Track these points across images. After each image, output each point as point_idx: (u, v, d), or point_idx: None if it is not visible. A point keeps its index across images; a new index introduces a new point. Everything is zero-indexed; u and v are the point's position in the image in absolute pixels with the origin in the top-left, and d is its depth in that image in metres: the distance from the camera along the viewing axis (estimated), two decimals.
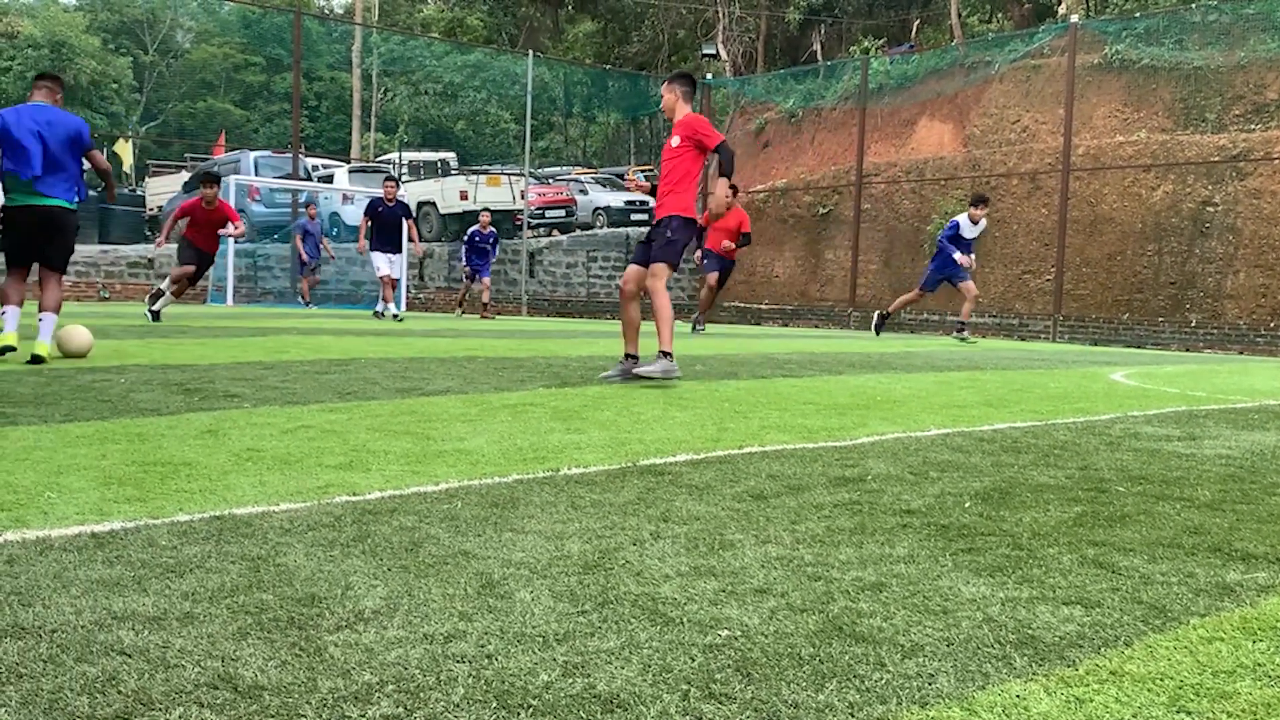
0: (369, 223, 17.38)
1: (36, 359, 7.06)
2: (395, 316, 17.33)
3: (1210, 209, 20.34)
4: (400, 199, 17.69)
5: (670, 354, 7.13)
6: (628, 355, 7.40)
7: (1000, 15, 35.96)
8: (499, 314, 24.30)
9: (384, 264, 17.43)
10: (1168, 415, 6.47)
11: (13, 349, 7.28)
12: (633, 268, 7.50)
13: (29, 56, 44.52)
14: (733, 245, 16.67)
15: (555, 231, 27.84)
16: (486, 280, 20.63)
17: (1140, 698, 1.91)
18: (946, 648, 2.14)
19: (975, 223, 15.91)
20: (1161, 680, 1.99)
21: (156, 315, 13.36)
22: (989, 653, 2.12)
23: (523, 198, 25.66)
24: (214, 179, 14.33)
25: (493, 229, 20.73)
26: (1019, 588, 2.58)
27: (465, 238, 20.72)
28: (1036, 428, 5.62)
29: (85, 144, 7.73)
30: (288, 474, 3.68)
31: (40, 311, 7.56)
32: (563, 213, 28.05)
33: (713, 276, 16.98)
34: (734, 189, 14.83)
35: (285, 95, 49.33)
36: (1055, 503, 3.61)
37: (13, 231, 7.68)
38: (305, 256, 21.63)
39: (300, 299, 22.00)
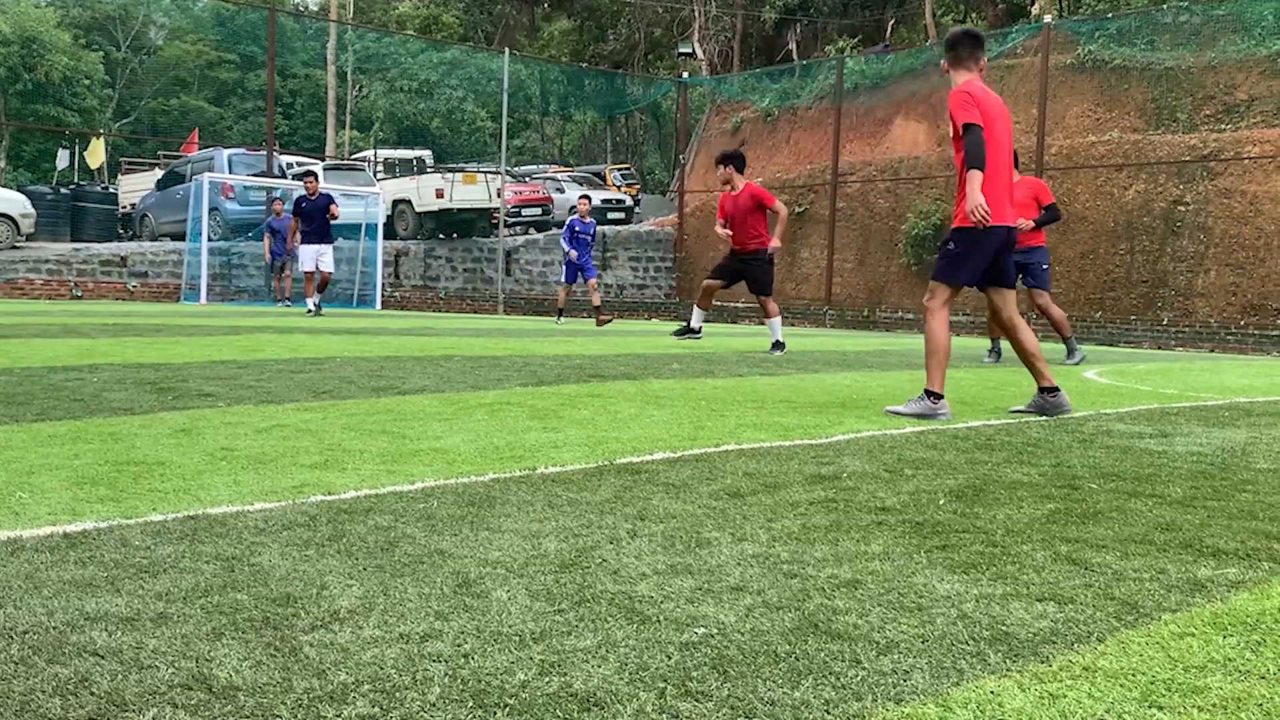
0: (297, 220, 17.69)
1: None
2: (311, 311, 17.23)
3: (1181, 208, 20.52)
4: (322, 191, 17.79)
5: (937, 394, 5.81)
6: (1042, 389, 6.15)
7: (974, 15, 36.16)
8: (474, 311, 24.23)
9: (310, 259, 17.63)
10: (1140, 413, 6.52)
11: None
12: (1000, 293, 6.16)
13: (0, 53, 44.05)
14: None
15: (532, 230, 27.79)
16: (593, 280, 18.39)
17: (1113, 693, 1.93)
18: (921, 644, 2.15)
19: None
20: (1134, 676, 2.01)
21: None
22: (963, 649, 2.13)
23: (499, 196, 25.60)
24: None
25: (592, 219, 18.40)
26: (993, 584, 2.60)
27: (565, 228, 18.09)
28: (1010, 425, 5.66)
29: None
30: (262, 473, 3.66)
31: None
32: (539, 211, 28.00)
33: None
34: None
35: (259, 93, 49.05)
36: (1029, 500, 3.64)
37: None
38: (269, 254, 21.43)
39: (274, 298, 21.87)
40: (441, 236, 26.17)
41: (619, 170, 36.72)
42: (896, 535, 3.07)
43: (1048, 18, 24.70)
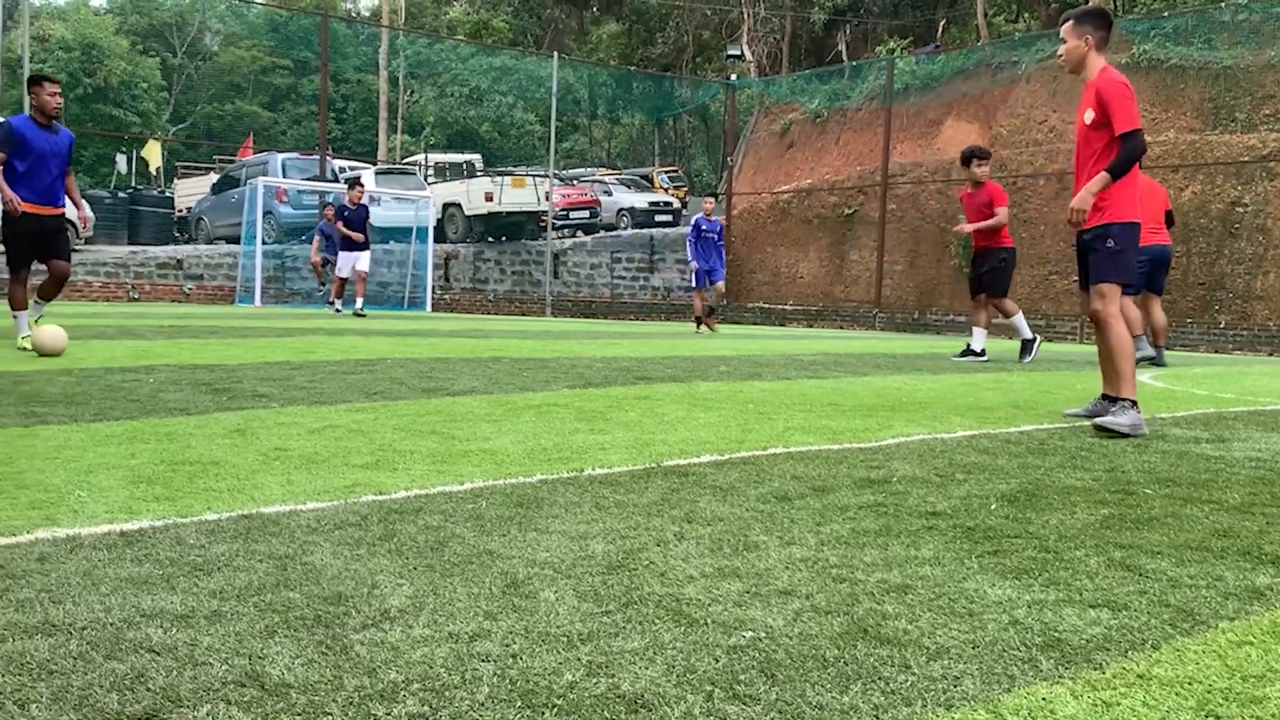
0: (342, 223, 18.10)
1: None
2: (339, 311, 17.99)
3: (1240, 209, 20.16)
4: (362, 203, 18.22)
5: (1135, 402, 5.41)
6: (1105, 396, 5.72)
7: (1027, 15, 35.75)
8: (522, 314, 24.34)
9: (347, 265, 18.11)
10: (1196, 417, 6.41)
11: None
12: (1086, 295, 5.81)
13: (60, 59, 44.93)
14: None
15: (579, 232, 27.88)
16: (720, 285, 17.19)
17: (1168, 702, 1.90)
18: (972, 650, 2.13)
19: None
20: (1190, 684, 1.98)
21: None
22: (1015, 655, 2.11)
23: (547, 199, 25.70)
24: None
25: (718, 218, 17.31)
26: (1045, 590, 2.57)
27: (690, 229, 16.87)
28: (1063, 429, 5.59)
29: None
30: (315, 473, 3.70)
31: None
32: (587, 214, 28.09)
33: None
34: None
35: (312, 97, 49.63)
36: (1082, 505, 3.59)
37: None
38: (316, 258, 21.59)
39: (328, 302, 22.05)
40: (490, 239, 26.33)
41: (666, 172, 36.76)
42: (947, 540, 3.05)
43: None
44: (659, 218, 29.28)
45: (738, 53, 37.72)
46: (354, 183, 19.03)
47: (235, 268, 22.42)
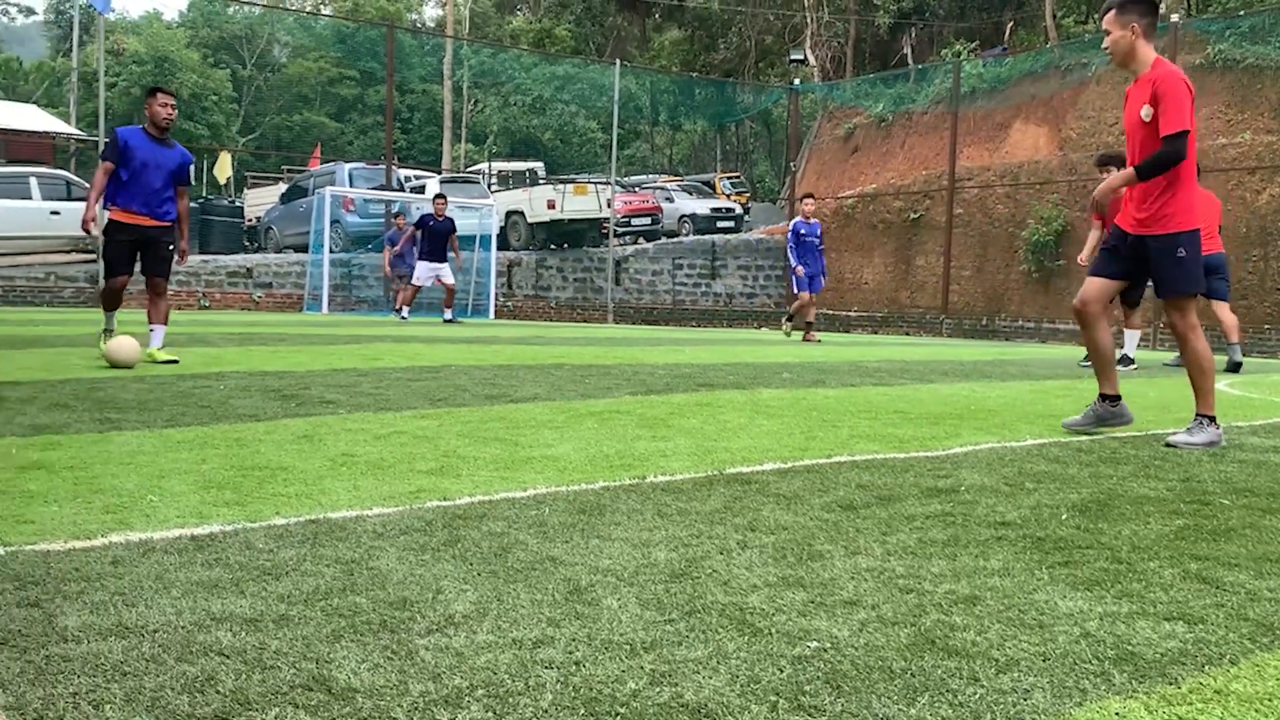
0: (418, 233, 18.38)
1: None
2: (404, 319, 18.26)
3: None
4: (447, 215, 18.44)
5: (1213, 418, 5.18)
6: (1103, 396, 5.57)
7: (1097, 16, 35.16)
8: (584, 320, 24.42)
9: (426, 276, 18.41)
10: (1274, 426, 6.25)
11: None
12: (1092, 281, 5.47)
13: (134, 72, 46.04)
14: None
15: (641, 239, 27.93)
16: (811, 295, 15.97)
17: (1246, 718, 1.84)
18: (1043, 663, 2.09)
19: None
20: (1270, 701, 1.92)
21: None
22: (1087, 669, 2.06)
23: (609, 206, 25.78)
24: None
25: (817, 220, 16.17)
26: (1118, 602, 2.51)
27: (790, 234, 15.94)
28: (1136, 438, 5.47)
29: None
30: (381, 479, 3.74)
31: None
32: (649, 220, 28.13)
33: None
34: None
35: (378, 108, 50.29)
36: (1156, 515, 3.51)
37: None
38: (388, 269, 21.85)
39: (394, 310, 22.28)
40: (553, 247, 26.46)
41: (728, 178, 36.69)
42: (1017, 550, 2.99)
43: (1175, 16, 23.90)
44: (721, 224, 29.23)
45: (801, 57, 37.56)
46: (439, 196, 19.32)
47: (303, 276, 22.77)
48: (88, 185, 21.32)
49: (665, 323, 25.49)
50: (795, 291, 16.12)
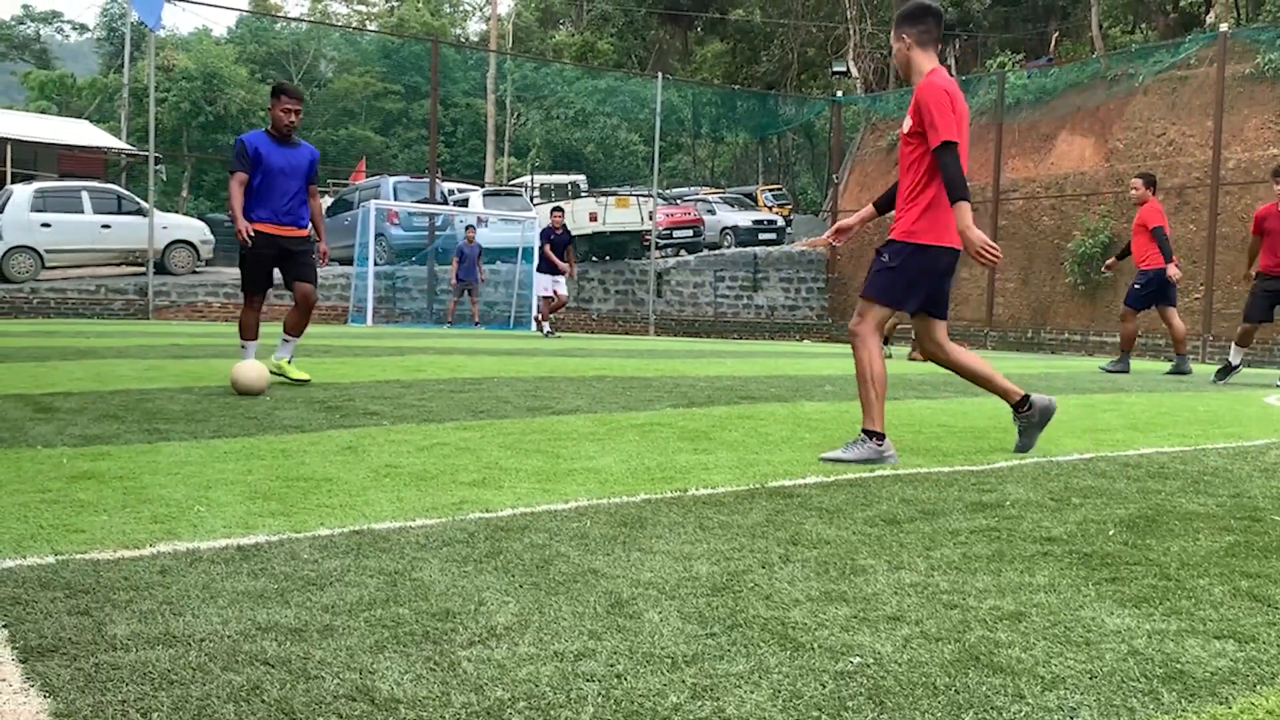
0: (548, 248, 18.39)
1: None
2: (549, 333, 18.38)
3: None
4: (565, 226, 18.58)
5: (878, 434, 4.83)
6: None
7: (1144, 26, 34.84)
8: (626, 332, 24.44)
9: (546, 286, 18.52)
10: None
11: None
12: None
13: (183, 88, 46.76)
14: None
15: (683, 251, 27.93)
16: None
17: None
18: (1089, 680, 2.06)
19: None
20: None
21: None
22: (1134, 687, 2.03)
23: (651, 218, 25.82)
24: None
25: None
26: (1166, 620, 2.47)
27: None
28: (1185, 453, 5.39)
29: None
30: (424, 490, 3.76)
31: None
32: (690, 233, 28.14)
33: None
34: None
35: (423, 122, 50.76)
36: (1205, 532, 3.45)
37: None
38: (455, 278, 22.02)
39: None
40: (594, 259, 26.53)
41: (770, 190, 36.61)
42: (1063, 566, 2.96)
43: (1224, 26, 23.60)
44: (763, 236, 29.17)
45: (843, 69, 37.44)
46: (556, 209, 19.46)
47: (348, 288, 22.99)
48: (139, 200, 21.73)
49: (707, 335, 25.46)
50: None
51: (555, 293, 18.55)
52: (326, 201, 29.18)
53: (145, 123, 25.44)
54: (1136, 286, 11.76)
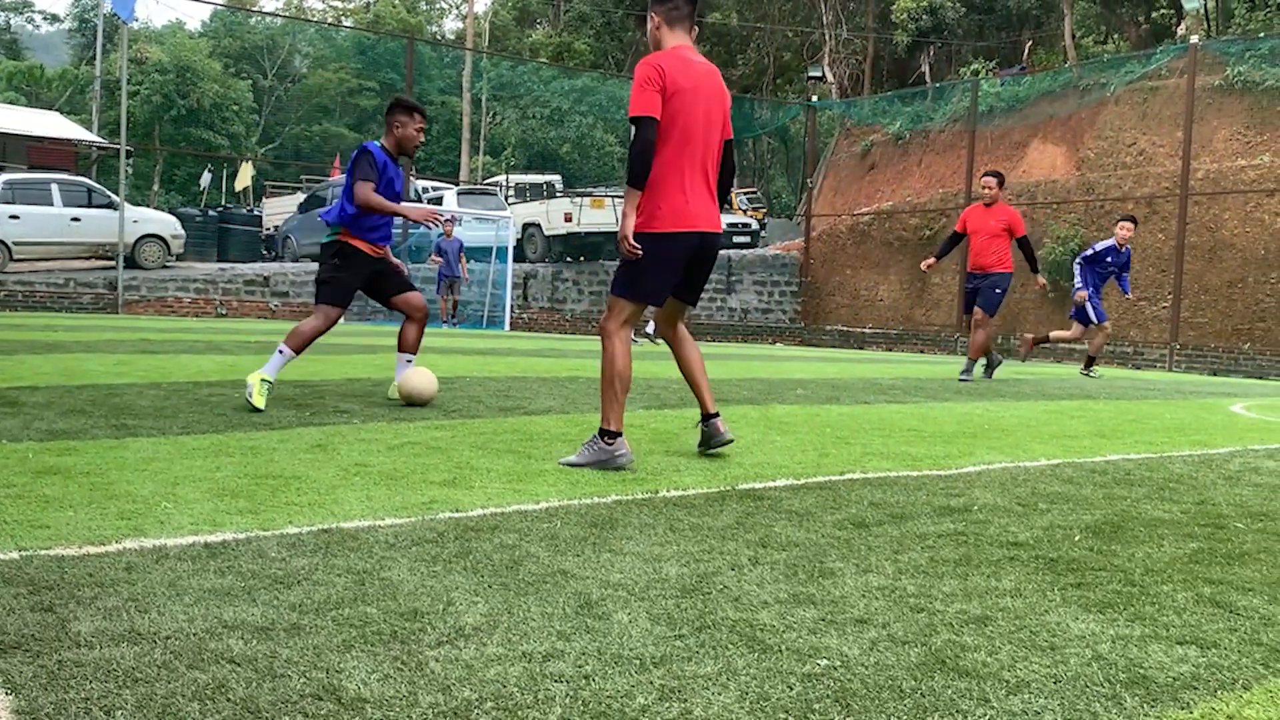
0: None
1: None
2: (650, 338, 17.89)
3: None
4: None
5: (614, 432, 4.51)
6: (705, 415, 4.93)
7: (1116, 36, 35.17)
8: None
9: None
10: None
11: None
12: None
13: (156, 81, 46.36)
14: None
15: None
16: (1106, 324, 13.98)
17: None
18: (1054, 685, 2.08)
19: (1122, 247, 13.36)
20: None
21: None
22: (1098, 692, 2.05)
23: None
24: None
25: (1130, 247, 13.81)
26: (1131, 625, 2.50)
27: (1089, 255, 14.02)
28: (1151, 460, 5.45)
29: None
30: (394, 489, 3.74)
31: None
32: None
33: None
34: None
35: None
36: (1170, 538, 3.49)
37: None
38: (438, 275, 21.89)
39: (441, 319, 22.31)
40: (569, 259, 26.51)
41: (745, 194, 36.70)
42: (1029, 571, 2.98)
43: (1195, 38, 23.86)
44: (737, 239, 29.23)
45: (819, 74, 37.61)
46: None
47: None
48: (109, 193, 21.52)
49: None
50: (1080, 319, 14.05)
51: None
52: (299, 198, 29.05)
53: (117, 115, 25.21)
54: (998, 291, 11.12)
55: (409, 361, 6.71)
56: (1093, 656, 2.26)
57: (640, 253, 4.55)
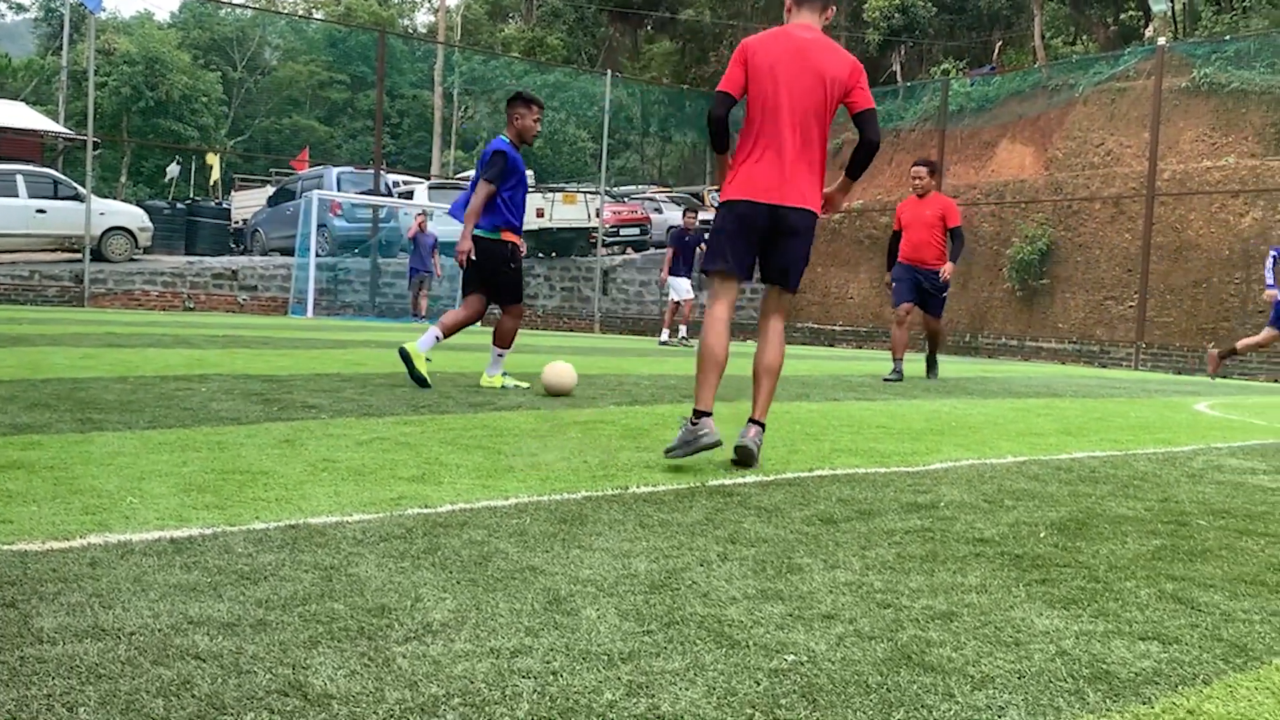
0: (675, 252, 17.85)
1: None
2: (685, 340, 17.83)
3: None
4: (698, 230, 17.98)
5: (696, 411, 4.54)
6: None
7: (1085, 37, 35.46)
8: (571, 330, 24.41)
9: (685, 288, 17.96)
10: (1253, 448, 6.29)
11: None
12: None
13: (124, 72, 45.85)
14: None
15: (629, 249, 27.94)
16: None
17: None
18: (1018, 680, 2.10)
19: None
20: None
21: None
22: (1061, 687, 2.08)
23: (598, 216, 25.80)
24: None
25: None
26: (1094, 621, 2.53)
27: (1276, 251, 13.09)
28: (1116, 458, 5.50)
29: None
30: (362, 485, 3.73)
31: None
32: (637, 231, 28.17)
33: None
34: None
35: (368, 112, 50.25)
36: (1134, 535, 3.53)
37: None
38: (409, 270, 21.81)
39: (412, 313, 22.21)
40: (541, 255, 26.47)
41: (717, 190, 36.75)
42: (994, 567, 3.01)
43: (1162, 40, 24.09)
44: (709, 236, 29.30)
45: None
46: (689, 210, 19.14)
47: (289, 279, 22.73)
48: (76, 185, 21.29)
49: (652, 333, 25.50)
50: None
51: (689, 298, 17.84)
52: (268, 191, 28.82)
53: (84, 106, 24.94)
54: (944, 296, 10.74)
55: (500, 356, 7.53)
56: (1056, 652, 2.28)
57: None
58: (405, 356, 7.09)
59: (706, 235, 17.89)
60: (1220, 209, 20.93)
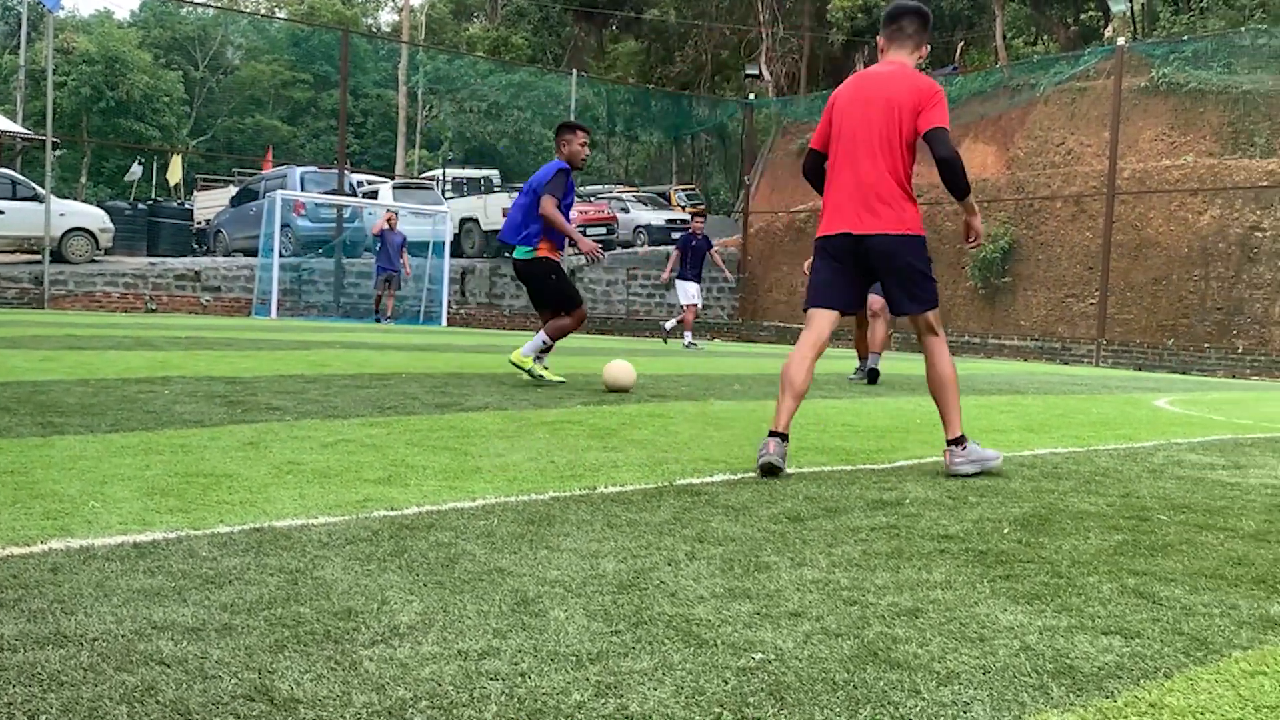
0: (680, 254, 18.16)
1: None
2: (694, 345, 17.86)
3: (1259, 234, 20.08)
4: (704, 233, 18.25)
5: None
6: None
7: (1046, 37, 35.79)
8: (538, 329, 24.36)
9: (693, 293, 18.18)
10: (1212, 443, 6.38)
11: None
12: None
13: (84, 72, 45.29)
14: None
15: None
16: None
17: None
18: (983, 676, 2.12)
19: None
20: (1202, 714, 1.96)
21: None
22: (1026, 682, 2.10)
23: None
24: None
25: None
26: (1057, 616, 2.55)
27: None
28: (1077, 454, 5.56)
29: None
30: (327, 487, 3.71)
31: None
32: (604, 230, 28.14)
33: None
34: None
35: (332, 112, 49.94)
36: (1095, 530, 3.57)
37: None
38: (375, 269, 21.71)
39: (375, 314, 22.06)
40: (507, 255, 26.39)
41: (684, 190, 36.80)
42: (959, 564, 3.03)
43: (1121, 40, 24.36)
44: (675, 235, 29.34)
45: (756, 72, 37.82)
46: (697, 214, 19.19)
47: (252, 280, 22.54)
48: (35, 185, 21.01)
49: (619, 333, 25.51)
50: None
51: (696, 302, 18.04)
52: (231, 191, 28.57)
53: (43, 106, 24.62)
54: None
55: (545, 342, 8.03)
56: (1021, 647, 2.31)
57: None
58: (530, 373, 7.94)
59: (712, 239, 18.08)
60: (1179, 207, 21.19)
